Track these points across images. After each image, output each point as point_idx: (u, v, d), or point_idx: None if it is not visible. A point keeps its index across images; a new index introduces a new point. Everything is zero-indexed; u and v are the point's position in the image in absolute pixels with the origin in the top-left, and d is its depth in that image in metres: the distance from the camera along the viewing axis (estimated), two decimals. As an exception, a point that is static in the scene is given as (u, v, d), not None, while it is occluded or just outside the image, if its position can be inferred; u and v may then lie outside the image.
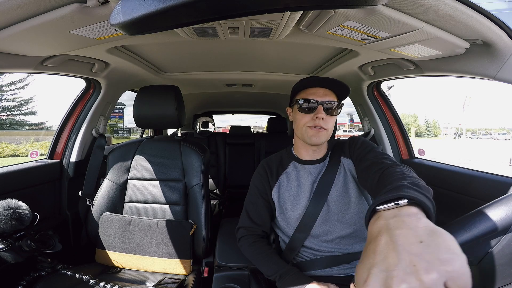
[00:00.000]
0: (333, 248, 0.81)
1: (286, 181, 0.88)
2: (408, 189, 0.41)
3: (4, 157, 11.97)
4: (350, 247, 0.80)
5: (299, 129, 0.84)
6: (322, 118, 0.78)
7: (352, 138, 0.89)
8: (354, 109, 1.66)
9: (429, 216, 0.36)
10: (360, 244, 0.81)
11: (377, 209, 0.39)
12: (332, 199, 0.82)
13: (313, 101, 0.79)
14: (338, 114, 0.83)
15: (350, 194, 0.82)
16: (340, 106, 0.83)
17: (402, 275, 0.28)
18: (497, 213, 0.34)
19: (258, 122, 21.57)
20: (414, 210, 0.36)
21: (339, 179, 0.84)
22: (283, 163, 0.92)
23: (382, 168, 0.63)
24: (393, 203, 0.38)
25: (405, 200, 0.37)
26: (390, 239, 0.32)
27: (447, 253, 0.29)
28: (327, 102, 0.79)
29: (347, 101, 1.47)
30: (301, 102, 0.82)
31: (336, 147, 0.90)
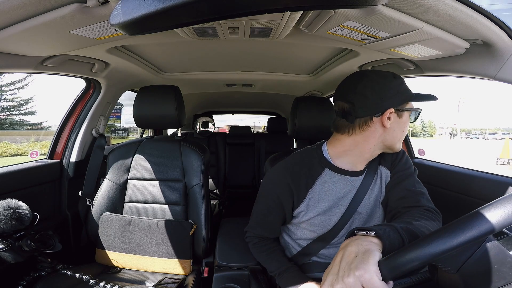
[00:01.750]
0: None
1: (318, 195, 0.74)
2: (388, 228, 0.50)
3: (6, 156, 12.02)
4: None
5: (399, 137, 0.72)
6: None
7: None
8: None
9: (385, 248, 0.46)
10: None
11: (355, 232, 0.50)
12: (361, 211, 0.75)
13: None
14: None
15: (377, 207, 0.76)
16: None
17: (339, 277, 0.43)
18: (470, 226, 0.35)
19: (255, 122, 21.58)
20: (374, 240, 0.47)
21: (373, 192, 0.75)
22: (313, 170, 0.75)
23: (411, 207, 0.67)
24: (364, 232, 0.49)
25: (373, 232, 0.48)
26: (342, 253, 0.46)
27: (364, 264, 0.40)
28: None
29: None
30: (418, 111, 0.74)
31: None
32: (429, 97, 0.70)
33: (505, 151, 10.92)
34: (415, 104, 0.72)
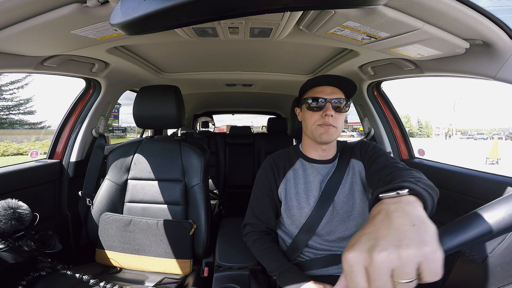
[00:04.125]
0: (334, 247, 0.81)
1: (293, 178, 0.87)
2: (410, 183, 0.43)
3: (8, 155, 12.05)
4: None
5: (308, 128, 0.84)
6: (331, 116, 0.79)
7: (363, 141, 0.90)
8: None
9: (425, 207, 0.40)
10: None
11: (380, 196, 0.42)
12: (338, 200, 0.82)
13: (322, 99, 0.80)
14: (347, 111, 0.84)
15: (356, 196, 0.83)
16: (348, 103, 0.83)
17: (386, 245, 0.31)
18: (500, 212, 0.33)
19: (253, 122, 21.64)
20: (412, 198, 0.40)
21: (347, 181, 0.84)
22: (290, 159, 0.91)
23: (394, 171, 0.66)
24: (394, 192, 0.41)
25: (406, 190, 0.40)
26: (387, 218, 0.35)
27: (431, 238, 0.32)
28: (335, 100, 0.80)
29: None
30: (309, 100, 0.82)
31: (345, 149, 0.91)
32: (315, 82, 0.82)
33: (493, 151, 11.13)
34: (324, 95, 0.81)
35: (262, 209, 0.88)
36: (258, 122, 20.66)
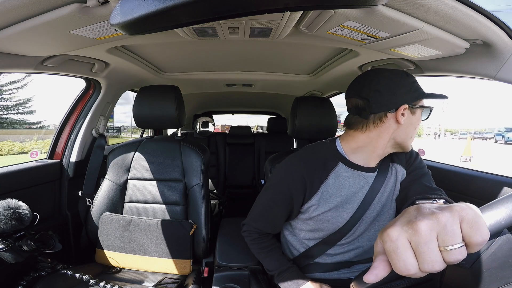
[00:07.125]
0: (344, 257, 0.78)
1: (331, 189, 0.72)
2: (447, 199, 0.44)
3: (13, 154, 12.12)
4: (359, 257, 0.79)
5: (411, 134, 0.71)
6: None
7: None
8: (341, 109, 1.67)
9: None
10: (367, 253, 0.79)
11: (416, 202, 0.41)
12: (372, 209, 0.73)
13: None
14: None
15: (388, 206, 0.74)
16: None
17: (424, 215, 0.31)
18: (488, 217, 0.33)
19: (248, 121, 21.35)
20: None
21: (386, 189, 0.74)
22: (327, 165, 0.73)
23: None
24: (431, 200, 0.41)
25: (442, 200, 0.40)
26: (418, 210, 0.34)
27: (461, 204, 0.31)
28: None
29: (335, 102, 1.48)
30: (428, 110, 0.73)
31: None
32: (440, 96, 0.72)
33: (467, 150, 11.58)
34: (426, 103, 0.73)
35: (274, 219, 0.78)
36: (252, 122, 20.50)
